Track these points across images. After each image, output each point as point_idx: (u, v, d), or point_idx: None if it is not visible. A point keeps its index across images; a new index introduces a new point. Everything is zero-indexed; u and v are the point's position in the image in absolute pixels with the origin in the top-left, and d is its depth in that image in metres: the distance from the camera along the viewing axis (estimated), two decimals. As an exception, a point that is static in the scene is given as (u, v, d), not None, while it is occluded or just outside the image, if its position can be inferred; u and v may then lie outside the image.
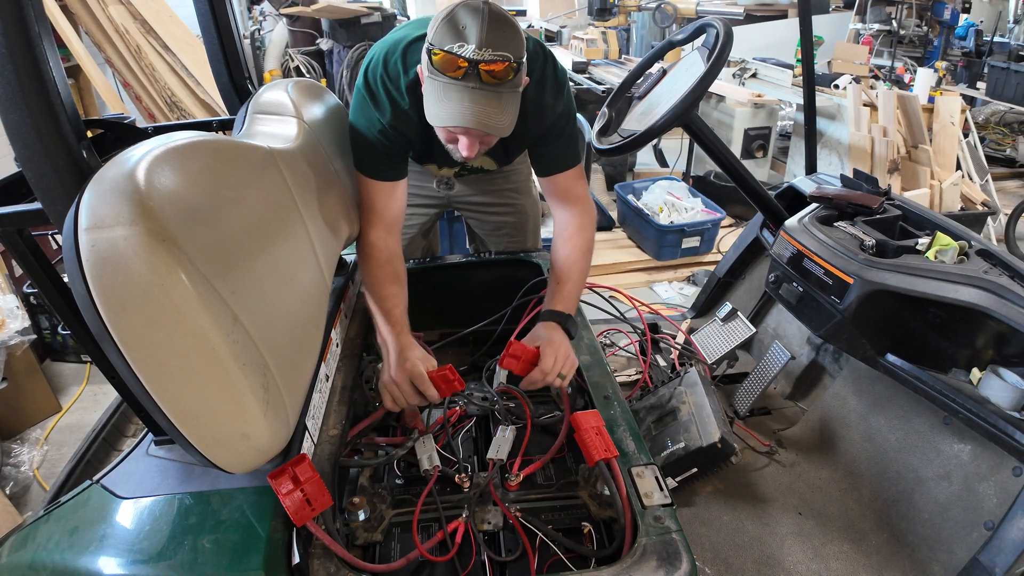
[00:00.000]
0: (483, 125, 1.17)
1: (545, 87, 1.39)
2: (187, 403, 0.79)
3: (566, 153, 1.49)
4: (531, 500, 1.16)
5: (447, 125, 1.21)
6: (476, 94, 1.15)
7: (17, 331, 2.30)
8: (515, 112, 1.22)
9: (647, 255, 3.73)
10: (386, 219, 1.45)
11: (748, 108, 4.26)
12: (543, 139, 1.46)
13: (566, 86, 1.44)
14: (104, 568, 0.86)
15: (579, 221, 1.50)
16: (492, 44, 1.12)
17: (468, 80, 1.14)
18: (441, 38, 1.14)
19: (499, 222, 1.93)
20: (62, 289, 0.96)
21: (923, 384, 1.47)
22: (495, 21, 1.13)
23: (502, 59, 1.12)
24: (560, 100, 1.42)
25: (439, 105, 1.18)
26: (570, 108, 1.46)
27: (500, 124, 1.19)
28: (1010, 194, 4.91)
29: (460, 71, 1.13)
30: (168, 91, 4.17)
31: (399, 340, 1.30)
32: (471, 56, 1.11)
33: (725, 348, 2.01)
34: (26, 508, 2.12)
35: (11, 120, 0.74)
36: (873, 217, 1.63)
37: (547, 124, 1.42)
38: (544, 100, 1.39)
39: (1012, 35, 6.26)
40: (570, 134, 1.47)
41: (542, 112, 1.40)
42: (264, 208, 1.02)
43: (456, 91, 1.15)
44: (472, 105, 1.15)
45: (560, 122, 1.44)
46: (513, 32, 1.15)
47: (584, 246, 1.49)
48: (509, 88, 1.17)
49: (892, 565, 1.48)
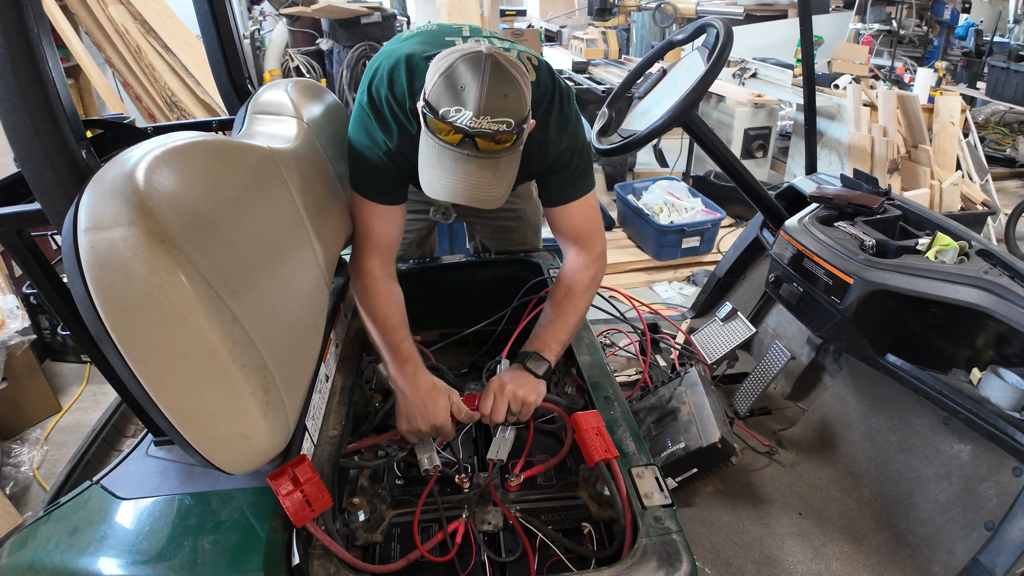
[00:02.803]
0: (475, 200, 1.11)
1: (550, 123, 1.31)
2: (186, 404, 0.79)
3: (572, 184, 1.39)
4: (531, 500, 1.16)
5: (439, 198, 1.14)
6: (471, 164, 1.08)
7: (17, 331, 2.30)
8: (513, 176, 1.15)
9: (647, 255, 3.73)
10: (383, 246, 1.37)
11: (748, 108, 4.26)
12: (548, 172, 1.38)
13: (573, 119, 1.35)
14: (104, 569, 0.86)
15: (583, 260, 1.41)
16: (491, 110, 1.03)
17: (464, 148, 1.06)
18: (438, 98, 1.06)
19: (501, 226, 1.92)
20: (62, 289, 0.96)
21: (923, 384, 1.47)
22: (496, 80, 1.04)
23: (502, 127, 1.05)
24: (565, 136, 1.34)
25: (432, 172, 1.12)
26: (576, 141, 1.37)
27: (494, 195, 1.12)
28: (1010, 194, 4.91)
29: (456, 138, 1.06)
30: (168, 91, 4.16)
31: (416, 382, 1.24)
32: (468, 126, 1.03)
33: (725, 348, 2.00)
34: (26, 508, 2.12)
35: (10, 120, 0.74)
36: (873, 217, 1.63)
37: (551, 159, 1.35)
38: (548, 137, 1.31)
39: (1012, 35, 6.26)
40: (577, 165, 1.38)
41: (545, 149, 1.32)
42: (264, 209, 1.02)
43: (451, 160, 1.09)
44: (466, 177, 1.09)
45: (565, 156, 1.35)
46: (515, 91, 1.06)
47: (583, 288, 1.40)
48: (508, 153, 1.10)
49: (892, 565, 1.48)
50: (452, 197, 1.12)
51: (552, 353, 1.33)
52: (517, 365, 1.31)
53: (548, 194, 1.41)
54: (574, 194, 1.40)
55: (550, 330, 1.36)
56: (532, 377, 1.29)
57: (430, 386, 1.24)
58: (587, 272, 1.41)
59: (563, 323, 1.37)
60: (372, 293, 1.35)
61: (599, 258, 1.44)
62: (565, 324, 1.37)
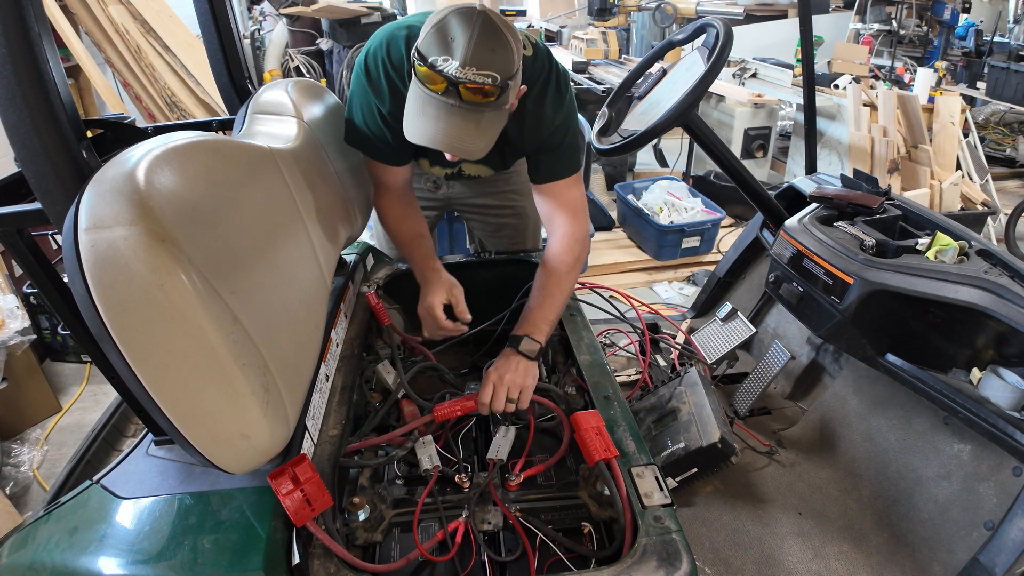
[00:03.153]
0: (454, 149, 1.14)
1: (545, 99, 1.35)
2: (187, 403, 0.79)
3: (562, 163, 1.44)
4: (531, 500, 1.16)
5: (419, 143, 1.16)
6: (454, 113, 1.10)
7: (17, 331, 2.30)
8: (495, 132, 1.17)
9: (647, 255, 3.73)
10: (393, 188, 1.52)
11: (748, 108, 4.26)
12: (540, 149, 1.42)
13: (568, 97, 1.40)
14: (104, 568, 0.86)
15: (567, 241, 1.44)
16: (478, 63, 1.05)
17: (448, 96, 1.09)
18: (428, 46, 1.08)
19: (500, 224, 1.92)
20: (62, 289, 0.96)
21: (923, 384, 1.47)
22: (486, 35, 1.06)
23: (487, 79, 1.06)
24: (560, 112, 1.37)
25: (415, 119, 1.14)
26: (570, 119, 1.42)
27: (474, 147, 1.14)
28: (1010, 194, 4.91)
29: (441, 87, 1.08)
30: (168, 91, 4.17)
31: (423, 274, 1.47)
32: (453, 74, 1.05)
33: (725, 348, 2.00)
34: (26, 508, 2.12)
35: (11, 120, 0.74)
36: (873, 217, 1.63)
37: (544, 136, 1.38)
38: (543, 112, 1.35)
39: (1012, 35, 6.26)
40: (569, 144, 1.43)
41: (540, 123, 1.36)
42: (264, 208, 1.02)
43: (434, 107, 1.11)
44: (447, 126, 1.11)
45: (559, 132, 1.40)
46: (504, 48, 1.08)
47: (569, 267, 1.44)
48: (491, 108, 1.11)
49: (892, 565, 1.48)
50: (432, 143, 1.14)
51: (542, 334, 1.36)
52: (510, 350, 1.34)
53: (539, 170, 1.46)
54: (563, 172, 1.44)
55: (539, 312, 1.39)
56: (525, 360, 1.32)
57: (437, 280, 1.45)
58: (570, 254, 1.44)
59: (551, 304, 1.40)
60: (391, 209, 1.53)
61: (582, 239, 1.48)
62: (552, 305, 1.41)
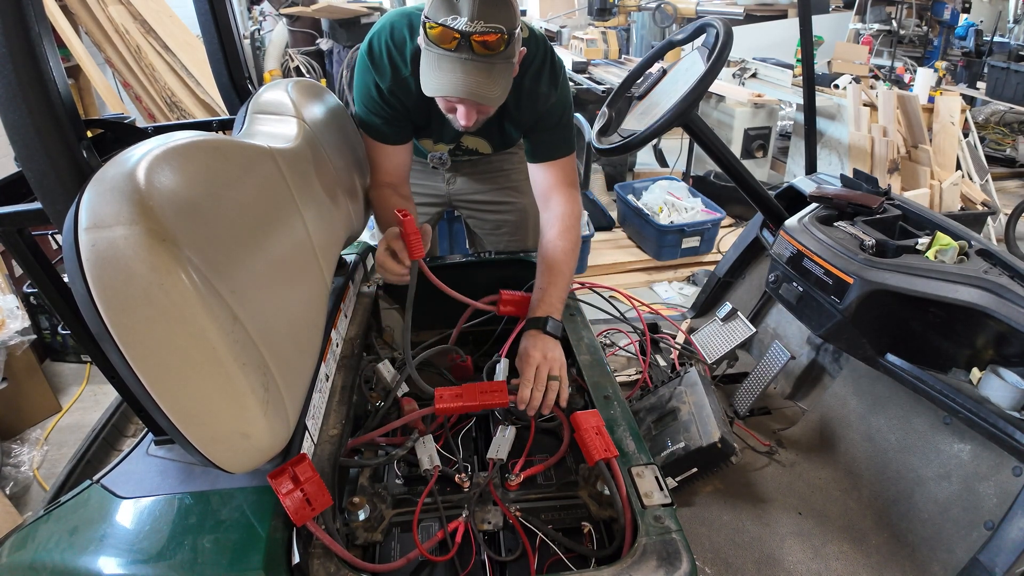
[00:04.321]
0: (475, 95, 1.22)
1: (541, 77, 1.45)
2: (187, 403, 0.79)
3: (559, 142, 1.53)
4: (531, 500, 1.16)
5: (440, 95, 1.26)
6: (468, 65, 1.20)
7: (17, 331, 2.30)
8: (507, 83, 1.26)
9: (647, 255, 3.73)
10: (392, 176, 1.55)
11: (748, 108, 4.26)
12: (536, 127, 1.51)
13: (562, 77, 1.49)
14: (104, 568, 0.86)
15: (565, 221, 1.50)
16: (484, 16, 1.16)
17: (461, 51, 1.19)
18: (436, 11, 1.18)
19: (499, 221, 1.93)
20: (62, 289, 0.96)
21: (923, 384, 1.47)
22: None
23: (494, 30, 1.17)
24: (555, 91, 1.47)
25: (432, 75, 1.23)
26: (565, 98, 1.51)
27: (492, 94, 1.24)
28: (1010, 194, 4.91)
29: (453, 43, 1.18)
30: (168, 91, 4.17)
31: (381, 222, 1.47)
32: (463, 28, 1.16)
33: (725, 348, 2.00)
34: (26, 508, 2.12)
35: (11, 120, 0.74)
36: (873, 217, 1.63)
37: (540, 113, 1.48)
38: (539, 89, 1.45)
39: (1012, 35, 6.26)
40: (565, 123, 1.53)
41: (536, 100, 1.46)
42: (264, 208, 1.02)
43: (449, 62, 1.20)
44: (464, 76, 1.20)
45: (556, 111, 1.49)
46: (505, 4, 1.19)
47: (570, 247, 1.49)
48: (502, 59, 1.22)
49: (892, 565, 1.48)
50: (452, 92, 1.23)
51: (560, 314, 1.42)
52: (537, 331, 1.35)
53: (536, 149, 1.55)
54: (559, 152, 1.53)
55: (552, 291, 1.43)
56: (552, 340, 1.34)
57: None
58: (572, 233, 1.50)
59: (562, 284, 1.45)
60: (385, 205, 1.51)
61: (576, 222, 1.53)
62: (563, 285, 1.45)
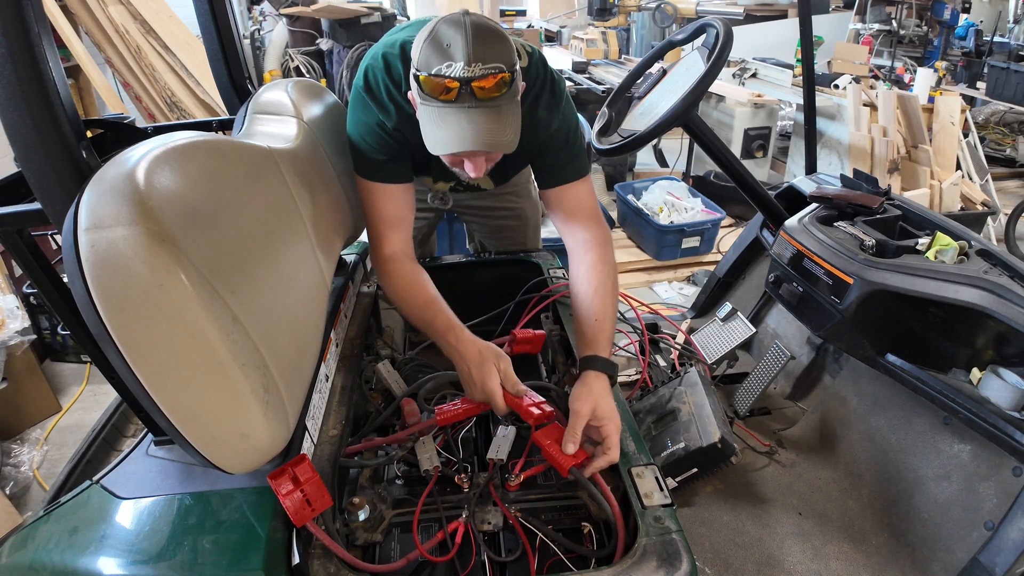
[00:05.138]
0: (487, 145, 1.11)
1: (539, 103, 1.33)
2: (186, 403, 0.79)
3: (566, 165, 1.40)
4: (531, 500, 1.16)
5: (449, 152, 1.14)
6: (474, 113, 1.09)
7: (17, 331, 2.30)
8: (518, 123, 1.15)
9: (647, 255, 3.73)
10: (398, 225, 1.37)
11: (748, 108, 4.26)
12: (540, 154, 1.39)
13: (563, 100, 1.37)
14: (104, 568, 0.86)
15: (598, 251, 1.35)
16: (481, 57, 1.05)
17: (463, 100, 1.08)
18: (427, 61, 1.08)
19: (499, 225, 1.92)
20: (62, 289, 0.96)
21: (923, 384, 1.47)
22: (479, 32, 1.06)
23: (495, 71, 1.06)
24: (555, 116, 1.35)
25: (436, 132, 1.12)
26: (568, 122, 1.39)
27: (504, 140, 1.13)
28: (1010, 194, 4.91)
29: (452, 93, 1.07)
30: (168, 91, 4.17)
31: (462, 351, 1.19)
32: (461, 75, 1.05)
33: (725, 348, 2.00)
34: (26, 508, 2.12)
35: (11, 120, 0.74)
36: (873, 217, 1.63)
37: (541, 140, 1.36)
38: (537, 116, 1.32)
39: (1012, 35, 6.25)
40: (571, 147, 1.39)
41: (535, 128, 1.33)
42: (264, 208, 1.02)
43: (452, 114, 1.09)
44: (471, 126, 1.09)
45: (559, 136, 1.37)
46: (500, 40, 1.09)
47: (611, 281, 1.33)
48: (507, 100, 1.11)
49: (892, 565, 1.48)
50: (462, 146, 1.11)
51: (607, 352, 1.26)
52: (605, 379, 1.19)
53: (544, 175, 1.42)
54: (569, 176, 1.40)
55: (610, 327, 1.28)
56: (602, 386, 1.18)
57: (476, 353, 1.18)
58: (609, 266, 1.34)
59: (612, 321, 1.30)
60: (397, 276, 1.34)
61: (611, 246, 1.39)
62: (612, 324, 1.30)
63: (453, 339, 1.22)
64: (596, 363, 1.20)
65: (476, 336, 1.23)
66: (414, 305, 1.31)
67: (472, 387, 1.18)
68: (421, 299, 1.30)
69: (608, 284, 1.32)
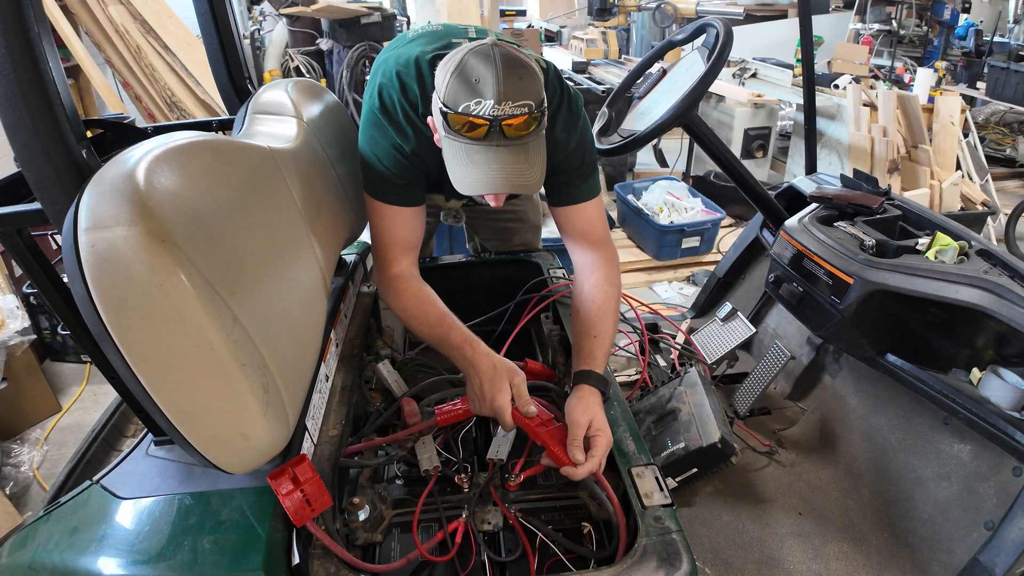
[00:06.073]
0: (515, 187, 1.10)
1: (556, 122, 1.30)
2: (186, 403, 0.79)
3: (580, 184, 1.37)
4: (531, 500, 1.16)
5: (477, 194, 1.13)
6: (502, 153, 1.07)
7: (17, 331, 2.30)
8: (544, 160, 1.14)
9: (647, 255, 3.73)
10: (409, 248, 1.35)
11: (748, 108, 4.26)
12: (554, 172, 1.35)
13: (580, 118, 1.34)
14: (104, 568, 0.86)
15: (605, 271, 1.35)
16: (511, 95, 1.03)
17: (492, 140, 1.06)
18: (455, 96, 1.05)
19: (500, 227, 1.92)
20: (62, 289, 0.96)
21: (923, 384, 1.47)
22: (510, 67, 1.04)
23: (525, 110, 1.04)
24: (574, 135, 1.33)
25: (464, 171, 1.10)
26: (585, 141, 1.36)
27: (531, 180, 1.11)
28: (1010, 194, 4.91)
29: (481, 130, 1.05)
30: (168, 91, 4.17)
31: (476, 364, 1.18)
32: (491, 114, 1.03)
33: (725, 348, 2.00)
34: (26, 508, 2.12)
35: (11, 120, 0.74)
36: (873, 217, 1.63)
37: (557, 160, 1.31)
38: (555, 135, 1.30)
39: (1012, 35, 6.26)
40: (586, 166, 1.37)
41: (552, 148, 1.28)
42: (264, 208, 1.02)
43: (480, 153, 1.07)
44: (500, 167, 1.07)
45: (575, 156, 1.35)
46: (530, 75, 1.06)
47: (615, 301, 1.33)
48: (535, 137, 1.09)
49: (892, 565, 1.48)
50: (491, 189, 1.10)
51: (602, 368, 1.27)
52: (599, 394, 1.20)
53: (557, 194, 1.39)
54: (583, 195, 1.38)
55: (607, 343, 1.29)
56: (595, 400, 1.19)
57: (490, 367, 1.17)
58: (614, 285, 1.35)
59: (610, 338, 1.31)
60: (406, 296, 1.32)
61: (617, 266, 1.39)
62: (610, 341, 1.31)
63: (469, 352, 1.20)
64: (591, 378, 1.21)
65: (492, 351, 1.21)
66: (425, 322, 1.29)
67: (480, 402, 1.17)
68: (433, 316, 1.29)
69: (611, 304, 1.32)
